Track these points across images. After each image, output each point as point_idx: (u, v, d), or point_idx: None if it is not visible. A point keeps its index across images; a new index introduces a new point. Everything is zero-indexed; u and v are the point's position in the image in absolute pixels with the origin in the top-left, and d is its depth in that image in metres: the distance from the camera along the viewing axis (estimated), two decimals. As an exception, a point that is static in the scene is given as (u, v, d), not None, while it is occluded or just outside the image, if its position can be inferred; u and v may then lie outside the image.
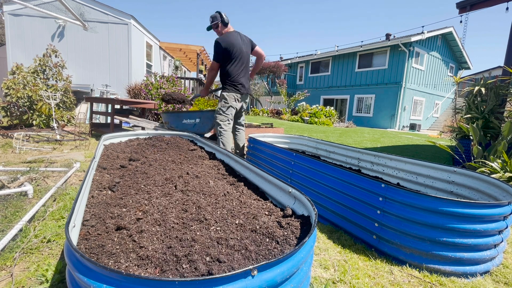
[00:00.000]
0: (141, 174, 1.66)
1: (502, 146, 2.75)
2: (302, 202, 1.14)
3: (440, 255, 1.35)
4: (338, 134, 8.14)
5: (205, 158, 2.17)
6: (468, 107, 4.06)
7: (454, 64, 16.76)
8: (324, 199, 1.95)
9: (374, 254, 1.52)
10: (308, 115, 13.25)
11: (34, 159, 3.19)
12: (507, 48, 3.97)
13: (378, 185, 1.55)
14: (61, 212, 1.79)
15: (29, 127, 5.35)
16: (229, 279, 0.60)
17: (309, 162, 2.16)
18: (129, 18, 7.99)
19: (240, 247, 0.92)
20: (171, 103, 4.11)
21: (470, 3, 4.79)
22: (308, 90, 17.98)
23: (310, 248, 0.82)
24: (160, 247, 0.90)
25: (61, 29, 7.84)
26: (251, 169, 1.66)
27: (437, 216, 1.34)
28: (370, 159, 2.59)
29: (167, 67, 12.72)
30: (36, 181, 2.36)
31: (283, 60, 20.38)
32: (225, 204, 1.27)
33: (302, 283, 0.78)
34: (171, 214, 1.15)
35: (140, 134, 2.78)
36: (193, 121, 3.62)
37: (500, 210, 1.33)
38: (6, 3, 7.45)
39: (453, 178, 1.96)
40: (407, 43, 13.22)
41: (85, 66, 8.07)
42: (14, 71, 5.66)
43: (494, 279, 1.38)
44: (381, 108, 14.51)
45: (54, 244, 1.45)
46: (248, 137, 3.24)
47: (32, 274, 1.20)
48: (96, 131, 5.54)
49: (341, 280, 1.28)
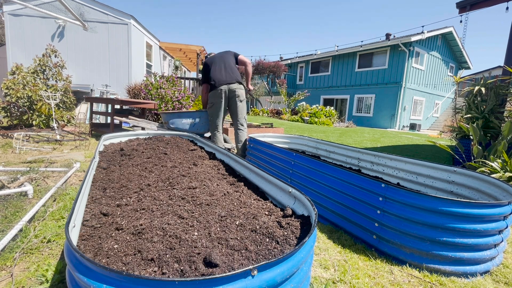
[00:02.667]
0: (141, 174, 1.66)
1: (502, 146, 2.75)
2: (302, 202, 1.14)
3: (440, 255, 1.35)
4: (338, 134, 8.14)
5: (205, 158, 2.17)
6: (468, 107, 4.06)
7: (454, 64, 16.76)
8: (324, 199, 1.95)
9: (374, 254, 1.52)
10: (308, 115, 13.25)
11: (34, 159, 3.19)
12: (507, 48, 3.97)
13: (378, 185, 1.55)
14: (61, 212, 1.79)
15: (29, 127, 5.34)
16: (229, 279, 0.60)
17: (309, 162, 2.16)
18: (129, 18, 7.99)
19: (240, 247, 0.92)
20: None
21: (470, 3, 4.78)
22: (308, 90, 17.98)
23: (310, 248, 0.82)
24: (160, 247, 0.90)
25: (61, 29, 7.84)
26: (251, 169, 1.66)
27: (437, 216, 1.34)
28: (370, 159, 2.59)
29: (167, 67, 12.72)
30: (36, 181, 2.36)
31: (283, 60, 20.37)
32: (225, 204, 1.27)
33: (302, 283, 0.78)
34: (171, 214, 1.15)
35: (140, 134, 2.78)
36: (193, 121, 3.62)
37: (500, 210, 1.33)
38: (6, 3, 7.45)
39: (453, 178, 1.96)
40: (407, 43, 13.21)
41: (85, 66, 8.07)
42: (14, 71, 5.65)
43: (494, 279, 1.38)
44: (381, 108, 14.51)
45: (54, 244, 1.45)
46: (248, 137, 3.25)
47: (32, 274, 1.20)
48: (96, 131, 5.54)
49: (341, 280, 1.28)
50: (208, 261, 0.81)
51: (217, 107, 3.20)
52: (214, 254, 0.83)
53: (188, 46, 11.00)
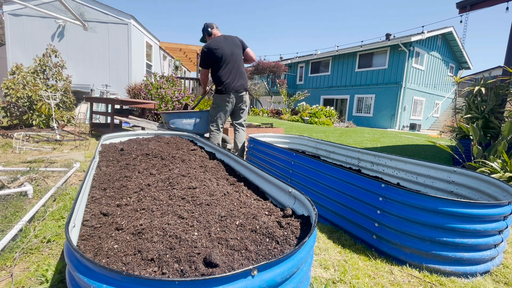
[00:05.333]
0: (141, 174, 1.66)
1: (502, 146, 2.75)
2: (302, 202, 1.14)
3: (440, 255, 1.35)
4: (338, 134, 8.14)
5: (205, 158, 2.17)
6: (468, 107, 4.06)
7: (454, 64, 16.75)
8: (324, 199, 1.95)
9: (374, 254, 1.52)
10: (308, 115, 13.25)
11: (34, 159, 3.19)
12: (507, 48, 3.97)
13: (378, 185, 1.55)
14: (61, 212, 1.79)
15: (29, 127, 5.34)
16: (229, 279, 0.60)
17: (309, 162, 2.16)
18: (129, 18, 7.99)
19: (240, 247, 0.92)
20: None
21: (470, 3, 4.78)
22: (308, 90, 17.98)
23: (310, 248, 0.82)
24: (160, 247, 0.90)
25: (61, 29, 7.84)
26: (251, 169, 1.66)
27: (437, 216, 1.34)
28: (370, 159, 2.59)
29: (167, 67, 12.72)
30: (36, 181, 2.36)
31: (283, 60, 20.37)
32: (225, 204, 1.27)
33: (302, 283, 0.78)
34: (171, 214, 1.15)
35: (140, 134, 2.78)
36: (193, 121, 3.62)
37: (500, 210, 1.33)
38: (6, 3, 7.45)
39: (453, 178, 1.96)
40: (407, 43, 13.21)
41: (85, 66, 8.07)
42: (14, 71, 5.65)
43: (494, 279, 1.38)
44: (381, 108, 14.51)
45: (54, 244, 1.45)
46: (248, 137, 3.24)
47: (32, 274, 1.20)
48: (96, 131, 5.54)
49: (341, 280, 1.28)
50: (208, 261, 0.81)
51: (222, 110, 3.10)
52: (214, 254, 0.83)
53: (188, 46, 11.00)
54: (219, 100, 3.07)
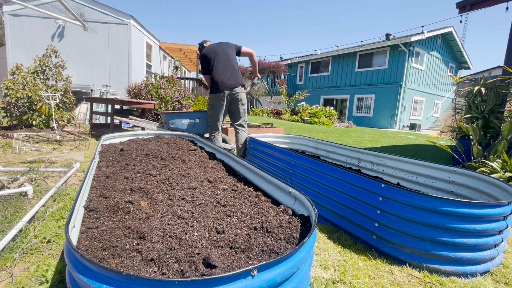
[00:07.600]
0: (141, 174, 1.66)
1: (502, 146, 2.75)
2: (302, 202, 1.14)
3: (440, 255, 1.35)
4: (338, 134, 8.14)
5: (205, 158, 2.17)
6: (468, 107, 4.06)
7: (454, 64, 16.76)
8: (324, 199, 1.95)
9: (374, 254, 1.52)
10: (308, 115, 13.25)
11: (34, 159, 3.19)
12: (507, 48, 3.97)
13: (378, 185, 1.55)
14: (61, 213, 1.79)
15: (29, 128, 5.34)
16: (229, 279, 0.60)
17: (309, 162, 2.16)
18: (129, 18, 7.99)
19: (240, 247, 0.92)
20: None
21: (470, 3, 4.79)
22: (308, 90, 17.98)
23: (310, 248, 0.82)
24: (160, 247, 0.90)
25: (61, 29, 7.83)
26: (251, 169, 1.66)
27: (437, 216, 1.34)
28: (370, 159, 2.59)
29: (167, 67, 12.71)
30: (36, 181, 2.36)
31: (283, 60, 20.37)
32: (225, 204, 1.27)
33: (302, 283, 0.78)
34: (171, 214, 1.15)
35: (140, 134, 2.78)
36: (193, 121, 3.63)
37: (500, 210, 1.33)
38: (6, 4, 7.45)
39: (453, 178, 1.96)
40: (407, 43, 13.22)
41: (85, 66, 8.07)
42: (13, 72, 5.65)
43: (494, 279, 1.38)
44: (381, 108, 14.51)
45: (54, 244, 1.45)
46: (248, 137, 3.24)
47: (32, 275, 1.20)
48: (96, 131, 5.54)
49: (341, 280, 1.28)
50: (208, 261, 0.81)
51: (218, 110, 3.16)
52: (214, 254, 0.83)
53: (188, 46, 10.99)
54: (214, 100, 3.15)
